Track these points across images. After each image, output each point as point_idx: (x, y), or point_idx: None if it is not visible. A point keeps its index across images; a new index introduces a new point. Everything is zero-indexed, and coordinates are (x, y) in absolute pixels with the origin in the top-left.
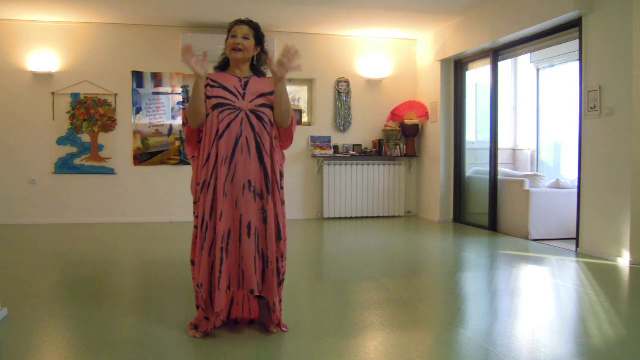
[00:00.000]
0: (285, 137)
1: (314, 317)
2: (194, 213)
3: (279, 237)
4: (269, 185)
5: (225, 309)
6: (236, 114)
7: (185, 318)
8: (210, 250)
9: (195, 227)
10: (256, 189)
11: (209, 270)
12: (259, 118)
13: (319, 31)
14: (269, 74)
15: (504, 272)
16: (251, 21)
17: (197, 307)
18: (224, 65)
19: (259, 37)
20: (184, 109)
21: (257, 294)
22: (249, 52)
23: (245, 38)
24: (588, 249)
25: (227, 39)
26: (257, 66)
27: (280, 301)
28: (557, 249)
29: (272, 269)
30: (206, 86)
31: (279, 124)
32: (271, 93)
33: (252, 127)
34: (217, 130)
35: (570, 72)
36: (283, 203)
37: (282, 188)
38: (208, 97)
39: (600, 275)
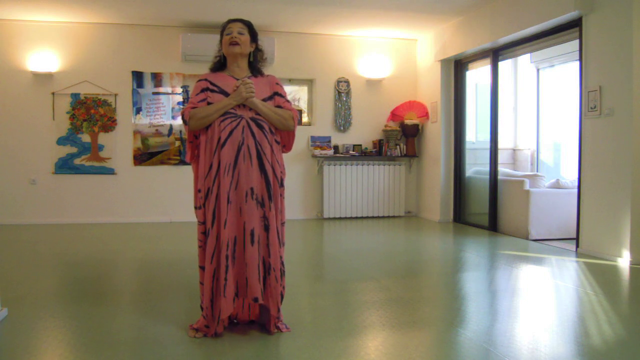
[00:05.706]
0: (286, 139)
1: (314, 317)
2: (197, 218)
3: (281, 243)
4: (271, 192)
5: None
6: (237, 122)
7: (185, 318)
8: (212, 257)
9: (203, 233)
10: (257, 197)
11: (211, 278)
12: (259, 126)
13: (319, 31)
14: (267, 72)
15: (504, 272)
16: (243, 19)
17: (202, 308)
18: (219, 67)
19: (253, 34)
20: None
21: (260, 302)
22: (246, 46)
23: (240, 33)
24: (588, 249)
25: (221, 38)
26: (254, 64)
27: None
28: (557, 249)
29: (276, 276)
30: (206, 89)
31: (280, 129)
32: (269, 98)
33: (253, 135)
34: (219, 139)
35: (570, 72)
36: (281, 211)
37: (281, 196)
38: (208, 103)
39: (600, 275)
